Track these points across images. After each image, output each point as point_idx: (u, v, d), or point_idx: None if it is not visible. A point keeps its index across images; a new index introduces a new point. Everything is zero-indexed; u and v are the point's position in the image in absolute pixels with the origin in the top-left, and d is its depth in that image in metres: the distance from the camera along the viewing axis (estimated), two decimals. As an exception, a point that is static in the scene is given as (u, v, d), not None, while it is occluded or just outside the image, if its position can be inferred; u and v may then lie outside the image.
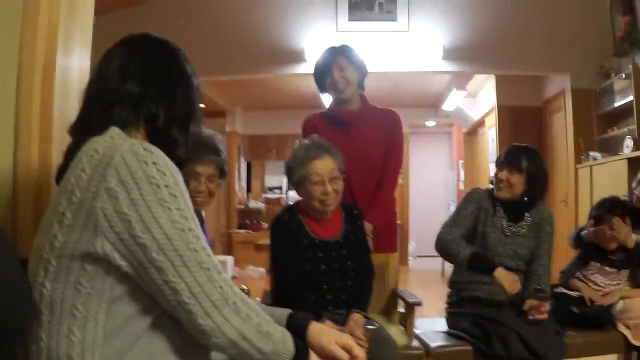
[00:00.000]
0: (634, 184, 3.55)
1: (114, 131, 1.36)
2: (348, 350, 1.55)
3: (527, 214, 3.06)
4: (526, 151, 3.04)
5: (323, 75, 3.27)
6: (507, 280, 2.73)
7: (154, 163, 1.26)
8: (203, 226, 2.84)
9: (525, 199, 3.04)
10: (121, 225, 1.22)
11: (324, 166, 2.70)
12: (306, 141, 2.82)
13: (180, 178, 1.30)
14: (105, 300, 1.26)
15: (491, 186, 3.14)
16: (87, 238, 1.23)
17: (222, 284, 1.30)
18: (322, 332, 1.58)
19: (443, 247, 2.98)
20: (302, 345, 1.51)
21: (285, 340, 1.42)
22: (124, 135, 1.36)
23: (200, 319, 1.27)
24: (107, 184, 1.22)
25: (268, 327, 1.38)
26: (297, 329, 1.57)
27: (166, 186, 1.25)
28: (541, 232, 3.06)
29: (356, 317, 2.59)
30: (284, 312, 1.68)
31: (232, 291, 1.32)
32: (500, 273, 2.76)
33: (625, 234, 3.18)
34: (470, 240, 3.02)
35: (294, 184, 2.81)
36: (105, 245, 1.23)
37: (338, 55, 3.26)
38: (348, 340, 1.57)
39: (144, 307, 1.30)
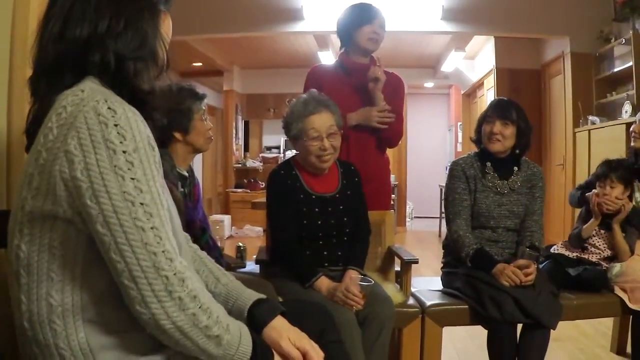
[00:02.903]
0: (633, 126, 3.56)
1: (86, 84, 1.24)
2: (303, 354, 1.45)
3: (515, 169, 3.06)
4: (514, 104, 3.07)
5: (360, 23, 3.26)
6: (504, 274, 2.73)
7: (115, 125, 1.15)
8: (195, 186, 2.81)
9: (517, 151, 3.05)
10: (74, 191, 1.15)
11: (322, 121, 2.67)
12: (304, 96, 2.79)
13: (143, 143, 1.19)
14: (79, 263, 1.21)
15: (472, 152, 3.15)
16: (51, 202, 1.17)
17: (169, 274, 1.16)
18: (280, 331, 1.47)
19: (454, 243, 2.99)
20: (264, 344, 1.43)
21: (239, 344, 1.28)
22: (96, 88, 1.23)
23: (137, 306, 1.15)
24: (66, 147, 1.14)
25: (219, 331, 1.23)
26: (256, 324, 1.49)
27: (124, 152, 1.15)
28: (534, 187, 3.07)
29: (352, 274, 2.61)
30: (250, 299, 1.58)
31: (180, 284, 1.17)
32: (498, 269, 2.76)
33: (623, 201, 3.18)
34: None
35: (291, 138, 2.79)
36: (67, 210, 1.17)
37: (380, 15, 3.30)
38: (304, 343, 1.47)
39: None
